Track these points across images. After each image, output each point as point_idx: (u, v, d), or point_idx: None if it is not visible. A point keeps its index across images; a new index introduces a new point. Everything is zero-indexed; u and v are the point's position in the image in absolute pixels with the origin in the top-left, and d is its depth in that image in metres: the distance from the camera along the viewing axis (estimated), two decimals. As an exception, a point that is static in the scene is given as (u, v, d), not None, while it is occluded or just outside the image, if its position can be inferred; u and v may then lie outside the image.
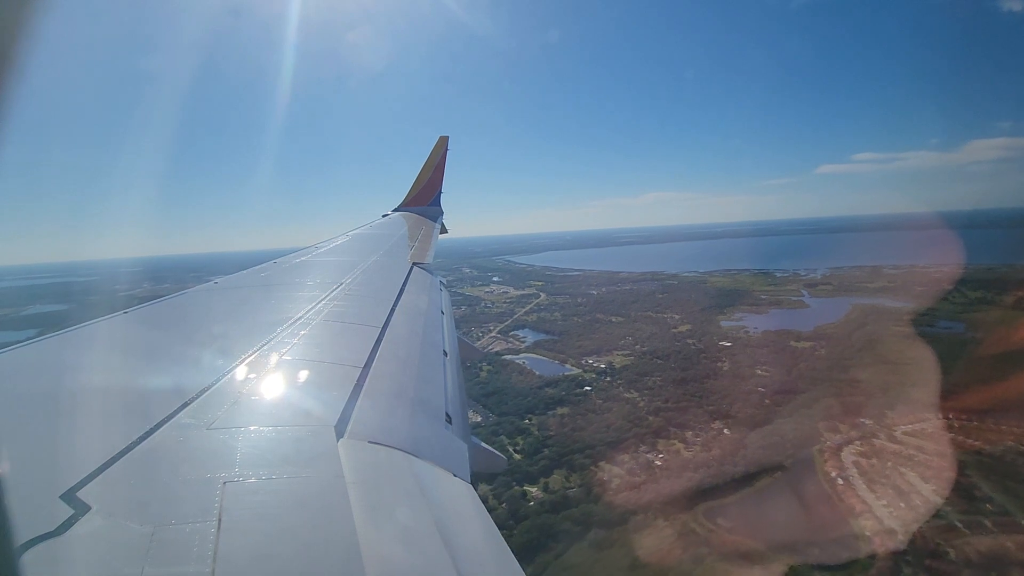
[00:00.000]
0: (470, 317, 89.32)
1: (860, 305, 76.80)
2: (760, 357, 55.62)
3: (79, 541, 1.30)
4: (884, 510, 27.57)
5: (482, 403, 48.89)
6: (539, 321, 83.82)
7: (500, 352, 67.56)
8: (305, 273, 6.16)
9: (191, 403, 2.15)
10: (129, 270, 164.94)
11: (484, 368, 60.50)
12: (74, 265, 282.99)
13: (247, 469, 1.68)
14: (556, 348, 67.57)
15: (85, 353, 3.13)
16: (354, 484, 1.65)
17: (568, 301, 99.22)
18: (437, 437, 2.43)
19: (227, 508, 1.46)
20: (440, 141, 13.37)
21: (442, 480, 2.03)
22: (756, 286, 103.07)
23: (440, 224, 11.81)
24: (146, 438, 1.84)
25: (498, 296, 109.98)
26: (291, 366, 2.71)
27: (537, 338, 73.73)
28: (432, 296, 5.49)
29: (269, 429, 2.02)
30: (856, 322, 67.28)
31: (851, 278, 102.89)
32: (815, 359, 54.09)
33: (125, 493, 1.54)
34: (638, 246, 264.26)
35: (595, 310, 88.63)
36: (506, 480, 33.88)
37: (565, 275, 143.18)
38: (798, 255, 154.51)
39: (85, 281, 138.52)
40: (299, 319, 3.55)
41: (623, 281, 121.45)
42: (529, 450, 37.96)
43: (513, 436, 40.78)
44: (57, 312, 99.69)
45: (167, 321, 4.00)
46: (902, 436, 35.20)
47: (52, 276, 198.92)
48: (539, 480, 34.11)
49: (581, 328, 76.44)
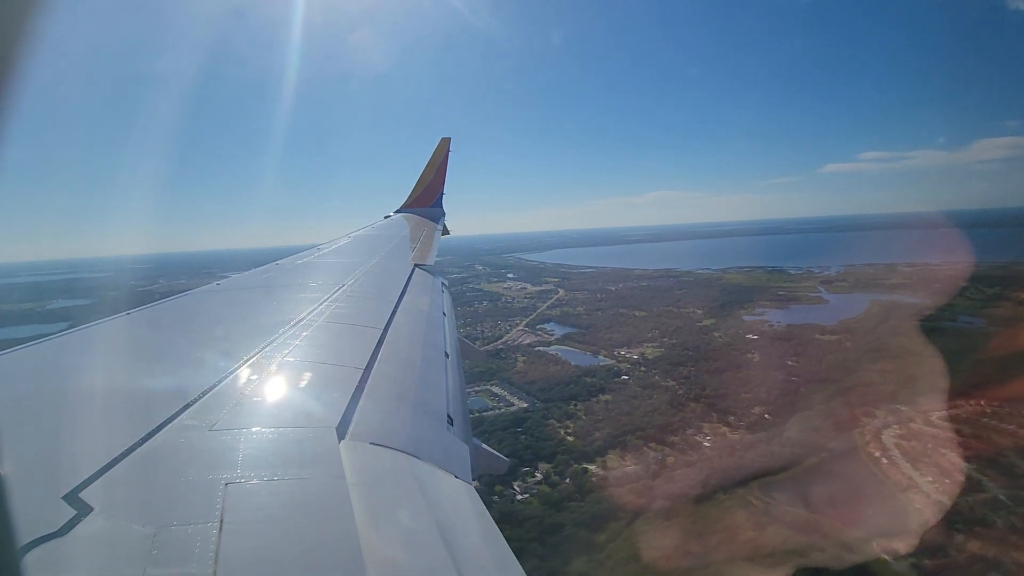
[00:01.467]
0: (493, 312, 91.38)
1: (879, 301, 78.45)
2: (788, 349, 57.54)
3: (81, 542, 1.30)
4: (930, 485, 29.56)
5: (525, 390, 50.90)
6: (563, 315, 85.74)
7: (531, 344, 69.58)
8: (307, 274, 6.21)
9: (193, 404, 2.15)
10: (141, 266, 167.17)
11: (519, 359, 62.63)
12: (85, 262, 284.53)
13: (249, 470, 1.69)
14: (586, 340, 69.53)
15: (88, 354, 3.16)
16: (356, 486, 1.66)
17: (588, 296, 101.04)
18: (439, 439, 2.45)
19: (229, 509, 1.47)
20: (442, 143, 13.43)
21: (444, 481, 2.03)
22: (772, 282, 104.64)
23: (442, 225, 11.89)
24: (148, 439, 1.84)
25: (517, 292, 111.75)
26: (293, 367, 2.74)
27: (564, 331, 75.60)
28: (433, 298, 5.54)
29: (271, 430, 2.03)
30: (878, 317, 69.04)
31: (866, 275, 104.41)
32: (843, 351, 55.95)
33: (127, 494, 1.55)
34: (645, 244, 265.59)
35: (617, 305, 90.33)
36: (564, 459, 35.96)
37: (579, 272, 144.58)
38: (809, 253, 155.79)
39: (100, 277, 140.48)
40: (301, 320, 3.59)
41: (638, 278, 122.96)
42: (581, 433, 40.00)
43: (562, 420, 42.82)
44: (82, 306, 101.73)
45: (169, 322, 4.03)
46: (937, 420, 37.12)
47: (66, 272, 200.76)
48: (595, 459, 36.17)
49: (607, 322, 78.29)
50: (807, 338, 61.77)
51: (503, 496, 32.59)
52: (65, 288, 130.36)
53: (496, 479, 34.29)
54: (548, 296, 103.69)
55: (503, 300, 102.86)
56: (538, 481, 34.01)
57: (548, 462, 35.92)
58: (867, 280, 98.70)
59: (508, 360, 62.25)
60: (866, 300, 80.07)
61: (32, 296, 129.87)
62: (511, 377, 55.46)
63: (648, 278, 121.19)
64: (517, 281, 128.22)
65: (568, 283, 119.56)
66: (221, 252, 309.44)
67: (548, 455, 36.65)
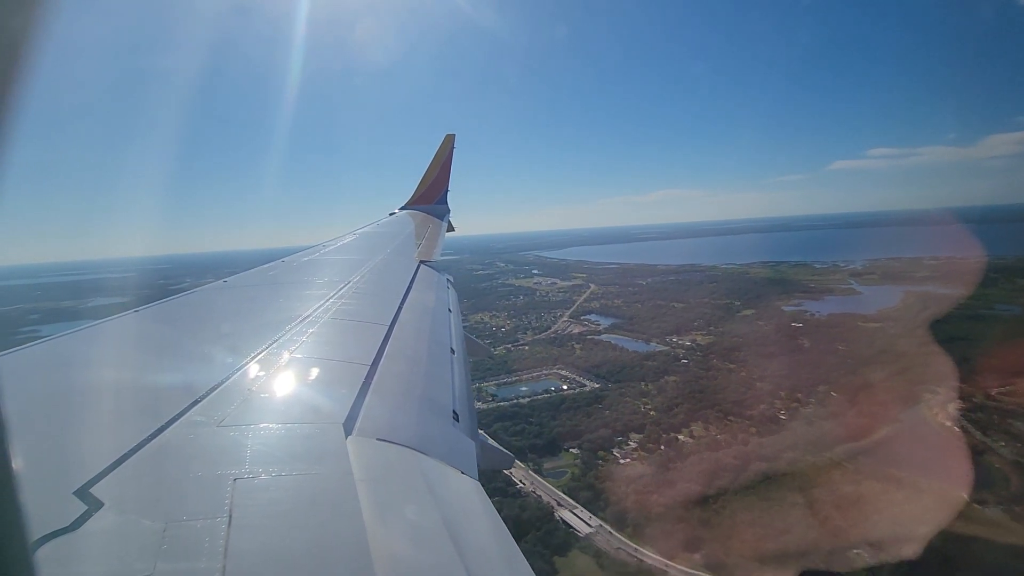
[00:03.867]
0: (533, 305, 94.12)
1: (913, 292, 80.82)
2: (836, 335, 60.28)
3: (92, 537, 1.32)
4: (1004, 449, 32.46)
5: (592, 373, 53.91)
6: (603, 307, 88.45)
7: (582, 333, 72.53)
8: (313, 272, 6.22)
9: (202, 400, 2.18)
10: (162, 267, 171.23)
11: (575, 346, 65.66)
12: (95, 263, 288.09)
13: (257, 466, 1.71)
14: (633, 329, 72.30)
15: (98, 351, 3.20)
16: (363, 481, 1.68)
17: (621, 290, 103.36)
18: (444, 435, 2.49)
19: (237, 504, 1.48)
20: (447, 139, 13.41)
21: (450, 477, 2.05)
22: (800, 276, 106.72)
23: (447, 222, 11.88)
24: (157, 435, 1.86)
25: (548, 286, 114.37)
26: (300, 364, 2.76)
27: (610, 322, 78.26)
28: (439, 294, 5.59)
29: (278, 426, 2.05)
30: (916, 306, 71.47)
31: (893, 268, 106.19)
32: (890, 337, 58.58)
33: (137, 489, 1.57)
34: (659, 242, 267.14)
35: (652, 298, 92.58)
36: (655, 429, 39.01)
37: (603, 268, 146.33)
38: (829, 248, 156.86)
39: (125, 277, 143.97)
40: (307, 317, 3.62)
41: (664, 273, 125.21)
42: (660, 408, 43.00)
43: (638, 398, 45.83)
44: (120, 304, 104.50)
45: (178, 319, 4.07)
46: (997, 395, 39.95)
47: (84, 273, 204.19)
48: (682, 429, 39.19)
49: (648, 313, 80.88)
50: (851, 326, 64.40)
51: (607, 461, 35.69)
52: (93, 288, 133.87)
53: (598, 446, 37.49)
54: (580, 290, 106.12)
55: (538, 294, 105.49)
56: (633, 448, 37.09)
57: (638, 432, 38.98)
58: (895, 273, 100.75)
59: (566, 347, 65.31)
60: (899, 291, 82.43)
61: (68, 295, 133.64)
62: (574, 361, 58.48)
63: (674, 273, 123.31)
64: (544, 277, 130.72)
65: (596, 278, 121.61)
66: (228, 253, 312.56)
67: (637, 427, 39.70)
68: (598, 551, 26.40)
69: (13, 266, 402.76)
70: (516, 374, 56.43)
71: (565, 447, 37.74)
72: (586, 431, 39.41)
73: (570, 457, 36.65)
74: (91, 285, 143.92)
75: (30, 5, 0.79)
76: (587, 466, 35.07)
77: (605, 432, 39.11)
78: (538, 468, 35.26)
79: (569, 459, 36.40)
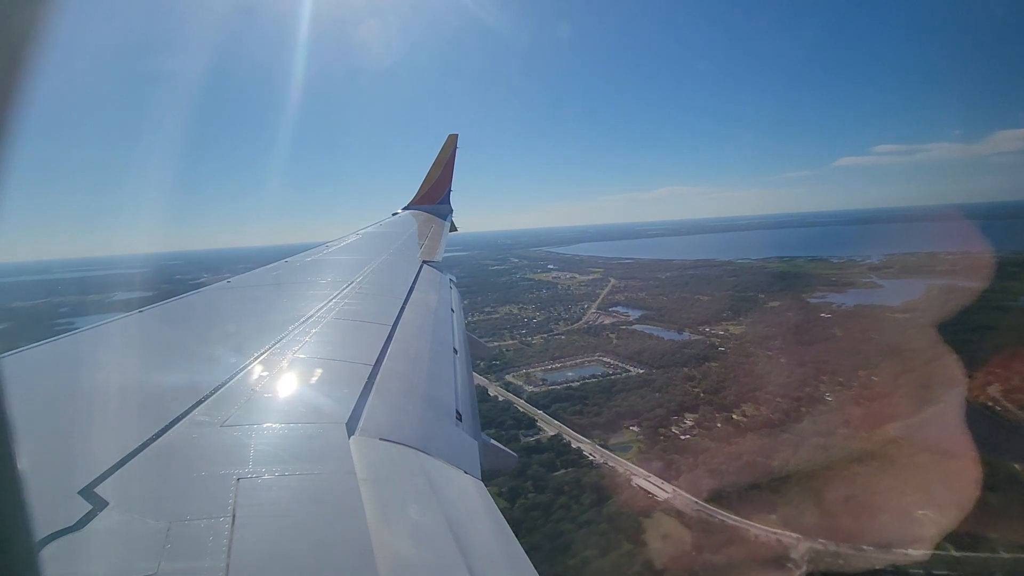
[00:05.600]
0: (557, 298, 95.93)
1: (935, 285, 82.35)
2: (867, 325, 61.99)
3: (97, 536, 1.33)
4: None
5: (634, 360, 55.91)
6: (629, 300, 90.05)
7: (614, 324, 74.39)
8: (316, 272, 6.27)
9: (205, 400, 2.19)
10: (173, 263, 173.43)
11: (611, 336, 67.65)
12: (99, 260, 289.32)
13: (260, 466, 1.72)
14: (664, 320, 73.95)
15: (102, 351, 3.25)
16: (366, 481, 1.68)
17: (643, 284, 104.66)
18: (447, 434, 2.50)
19: (241, 504, 1.49)
20: (449, 139, 13.42)
21: (453, 477, 2.06)
22: (818, 270, 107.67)
23: (450, 222, 11.98)
24: (161, 435, 1.87)
25: (568, 280, 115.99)
26: (303, 364, 2.78)
27: (639, 313, 79.90)
28: (442, 294, 5.62)
29: (282, 426, 2.06)
30: (941, 298, 72.92)
31: (911, 262, 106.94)
32: (920, 326, 60.28)
33: (141, 489, 1.58)
34: (668, 238, 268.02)
35: (675, 291, 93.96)
36: (708, 409, 41.09)
37: (618, 263, 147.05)
38: (840, 244, 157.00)
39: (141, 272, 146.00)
40: (310, 317, 3.65)
41: (681, 267, 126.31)
42: (709, 391, 45.05)
43: (684, 382, 47.88)
44: (144, 298, 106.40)
45: (181, 320, 4.10)
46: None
47: (91, 270, 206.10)
48: (733, 409, 41.22)
49: (675, 305, 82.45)
50: (880, 316, 66.14)
51: (668, 436, 37.82)
52: (109, 284, 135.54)
53: (657, 424, 39.57)
54: (601, 284, 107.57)
55: (559, 288, 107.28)
56: (691, 426, 39.18)
57: (692, 412, 41.06)
58: (914, 267, 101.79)
59: (601, 337, 67.28)
60: (921, 284, 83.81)
61: (89, 290, 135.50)
62: (613, 349, 60.49)
63: (691, 267, 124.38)
64: (561, 271, 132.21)
65: (614, 273, 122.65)
66: (231, 251, 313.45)
67: (690, 407, 41.78)
68: (679, 512, 28.53)
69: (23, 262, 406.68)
70: (559, 360, 58.48)
71: (625, 425, 39.87)
72: (642, 410, 41.52)
73: (631, 434, 38.75)
74: (107, 281, 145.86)
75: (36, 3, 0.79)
76: (651, 441, 37.19)
77: (661, 411, 41.20)
78: (604, 443, 37.41)
79: (631, 436, 38.51)
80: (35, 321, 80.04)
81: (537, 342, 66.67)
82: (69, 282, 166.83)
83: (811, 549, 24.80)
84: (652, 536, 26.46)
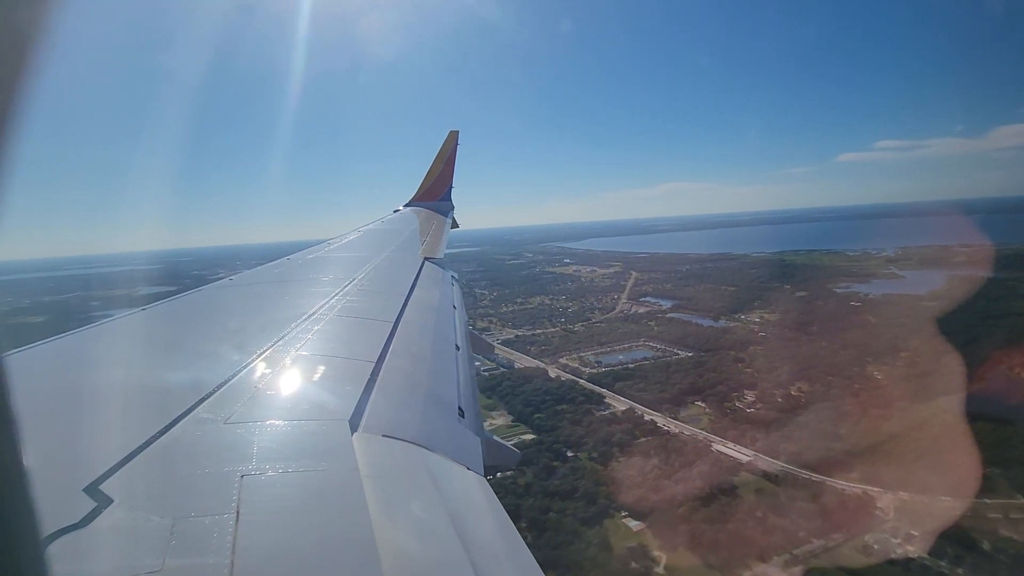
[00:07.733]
0: (585, 289, 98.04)
1: (957, 275, 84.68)
2: (898, 312, 64.22)
3: (102, 533, 1.34)
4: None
5: (678, 344, 58.48)
6: (657, 291, 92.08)
7: (649, 313, 76.84)
8: (318, 269, 6.31)
9: (209, 398, 2.20)
10: (184, 259, 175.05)
11: (650, 323, 70.18)
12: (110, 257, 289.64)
13: (264, 463, 1.73)
14: (697, 309, 76.23)
15: (106, 349, 3.26)
16: (369, 477, 1.69)
17: (665, 276, 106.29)
18: (450, 431, 2.52)
19: (245, 501, 1.50)
20: (450, 136, 13.45)
21: (455, 473, 2.07)
22: (837, 263, 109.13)
23: (451, 219, 12.08)
24: (165, 432, 1.88)
25: (590, 273, 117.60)
26: (306, 361, 2.80)
27: (670, 303, 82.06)
28: (444, 291, 5.66)
29: (285, 423, 2.08)
30: (965, 288, 75.18)
31: (927, 255, 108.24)
32: (950, 313, 62.70)
33: (146, 486, 1.59)
34: (676, 233, 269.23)
35: (699, 282, 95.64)
36: (765, 386, 43.69)
37: (635, 257, 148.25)
38: (851, 238, 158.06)
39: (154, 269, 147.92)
40: (313, 315, 3.68)
41: (699, 261, 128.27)
42: (762, 371, 47.57)
43: (734, 363, 50.45)
44: (169, 292, 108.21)
45: (184, 317, 4.15)
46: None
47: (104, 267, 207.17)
48: (789, 387, 43.80)
49: (704, 295, 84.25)
50: (909, 305, 68.35)
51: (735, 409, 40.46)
52: (124, 280, 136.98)
53: (721, 399, 42.15)
54: (623, 277, 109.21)
55: (584, 280, 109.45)
56: (753, 401, 41.81)
57: (751, 389, 43.67)
58: (931, 259, 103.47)
59: (641, 324, 69.83)
60: (942, 275, 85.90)
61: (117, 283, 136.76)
62: (657, 335, 63.06)
63: (710, 261, 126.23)
64: (580, 265, 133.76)
65: (633, 266, 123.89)
66: (233, 248, 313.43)
67: (748, 384, 44.40)
68: (765, 472, 31.14)
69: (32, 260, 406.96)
70: (606, 346, 61.05)
71: (690, 400, 42.47)
72: (704, 387, 44.12)
73: (698, 408, 41.37)
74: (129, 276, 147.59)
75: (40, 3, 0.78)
76: (720, 413, 39.83)
77: (722, 388, 43.80)
78: (675, 416, 40.02)
79: (698, 410, 41.13)
80: (69, 315, 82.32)
81: (579, 329, 69.19)
82: (80, 279, 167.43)
83: (896, 498, 27.43)
84: (745, 491, 29.10)
